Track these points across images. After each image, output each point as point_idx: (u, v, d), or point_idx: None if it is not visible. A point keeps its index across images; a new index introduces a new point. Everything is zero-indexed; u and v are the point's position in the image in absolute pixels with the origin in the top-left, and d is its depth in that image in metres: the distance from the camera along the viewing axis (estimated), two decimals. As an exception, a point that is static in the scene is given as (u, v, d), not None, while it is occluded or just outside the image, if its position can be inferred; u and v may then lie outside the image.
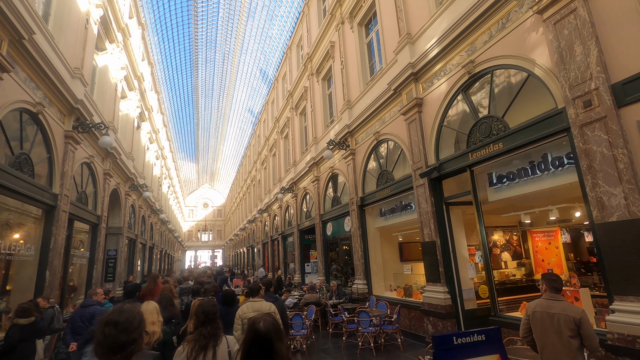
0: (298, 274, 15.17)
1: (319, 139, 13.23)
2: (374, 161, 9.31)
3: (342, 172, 10.94)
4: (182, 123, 36.08)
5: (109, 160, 10.85)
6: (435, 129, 6.64)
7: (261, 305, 3.83)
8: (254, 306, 3.82)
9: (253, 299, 4.01)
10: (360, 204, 9.47)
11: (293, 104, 16.90)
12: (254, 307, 3.79)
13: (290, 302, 8.70)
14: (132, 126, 14.56)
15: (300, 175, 14.89)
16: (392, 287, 8.81)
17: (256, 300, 4.00)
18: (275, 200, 19.52)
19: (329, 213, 11.97)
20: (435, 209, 6.55)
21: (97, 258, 10.07)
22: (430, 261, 6.51)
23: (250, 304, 3.88)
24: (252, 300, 3.96)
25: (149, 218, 19.75)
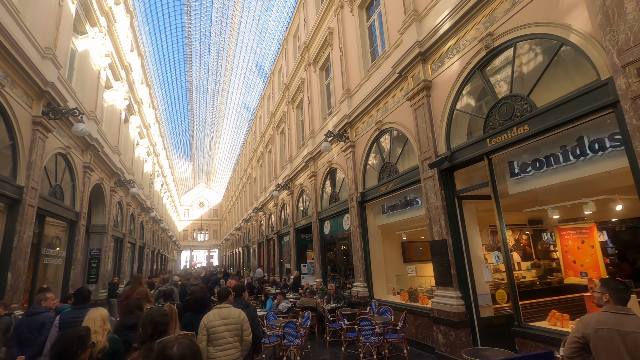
0: (296, 273, 14.41)
1: (316, 132, 12.50)
2: (376, 153, 8.59)
3: (340, 167, 10.21)
4: (176, 120, 35.23)
5: (89, 152, 10.07)
6: (446, 114, 5.92)
7: (229, 312, 3.46)
8: (221, 313, 3.43)
9: (221, 305, 3.58)
10: (360, 200, 8.74)
11: (289, 97, 16.16)
12: (221, 314, 3.42)
13: (284, 307, 7.96)
14: (118, 119, 13.77)
15: (297, 172, 14.15)
16: (395, 291, 8.09)
17: (224, 306, 3.56)
18: (271, 198, 18.78)
19: (326, 210, 11.24)
20: (446, 203, 5.82)
21: (76, 258, 9.28)
22: (440, 262, 5.79)
23: (217, 310, 3.48)
24: (220, 307, 3.54)
25: (139, 216, 18.94)
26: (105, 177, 12.16)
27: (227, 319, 3.41)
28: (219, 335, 3.32)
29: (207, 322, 3.34)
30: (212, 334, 3.31)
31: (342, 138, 9.54)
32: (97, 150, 10.41)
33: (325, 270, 11.52)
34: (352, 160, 9.21)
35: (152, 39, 20.67)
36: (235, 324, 3.41)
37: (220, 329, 3.35)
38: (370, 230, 8.70)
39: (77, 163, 9.38)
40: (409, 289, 7.59)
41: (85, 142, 9.63)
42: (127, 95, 14.60)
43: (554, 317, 4.32)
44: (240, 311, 3.55)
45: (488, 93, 5.22)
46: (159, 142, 26.70)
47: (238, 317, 3.45)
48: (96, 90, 10.75)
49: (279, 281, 16.19)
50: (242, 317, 3.47)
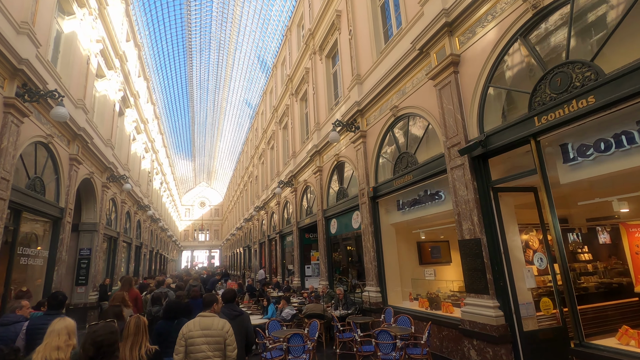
0: (297, 277, 13.58)
1: (321, 124, 11.66)
2: (391, 143, 7.74)
3: (349, 160, 9.37)
4: (176, 118, 34.50)
5: (77, 143, 9.27)
6: (478, 92, 5.07)
7: (212, 323, 3.10)
8: (202, 323, 3.09)
9: (204, 314, 3.21)
10: (372, 195, 7.90)
11: (293, 89, 15.34)
12: (202, 324, 3.08)
13: (288, 314, 7.12)
14: (112, 110, 12.98)
15: (301, 167, 13.32)
16: (412, 296, 7.23)
17: (207, 315, 3.19)
18: (273, 196, 17.96)
19: (333, 208, 10.39)
20: (478, 196, 4.97)
21: (60, 258, 8.48)
22: (472, 265, 4.93)
23: (199, 319, 3.14)
24: (203, 315, 3.19)
25: (136, 215, 18.16)
26: (97, 172, 11.36)
27: (207, 329, 3.05)
28: (197, 348, 2.97)
29: (186, 332, 3.01)
30: (189, 345, 2.97)
31: (351, 128, 8.70)
32: (85, 141, 9.61)
33: (331, 272, 10.68)
34: (363, 151, 8.37)
35: (150, 31, 19.90)
36: (216, 336, 3.04)
37: (199, 340, 3.00)
38: (384, 229, 7.86)
39: (62, 154, 8.58)
40: (429, 295, 6.73)
41: (71, 131, 8.83)
42: (121, 87, 13.81)
43: (627, 335, 3.46)
44: (225, 322, 3.16)
45: (535, 62, 4.37)
46: (157, 139, 25.95)
47: (221, 330, 3.07)
48: (85, 77, 9.95)
49: (281, 283, 15.36)
50: (226, 330, 3.09)
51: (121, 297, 5.03)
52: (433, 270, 7.67)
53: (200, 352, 2.96)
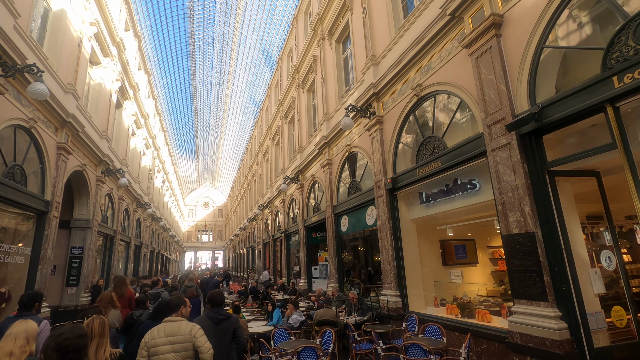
0: (304, 279, 12.71)
1: (331, 114, 10.82)
2: (412, 127, 6.87)
3: (363, 150, 8.52)
4: (179, 117, 33.89)
5: (65, 131, 8.51)
6: (528, 56, 4.20)
7: (179, 327, 2.88)
8: (168, 329, 2.87)
9: (169, 319, 2.97)
10: (390, 187, 7.03)
11: (299, 80, 14.54)
12: (167, 330, 2.85)
13: (297, 321, 6.27)
14: (107, 100, 12.24)
15: (308, 161, 12.48)
16: (437, 301, 6.34)
17: (173, 319, 2.95)
18: (278, 193, 17.14)
19: (344, 204, 9.53)
20: (530, 181, 4.09)
21: (44, 256, 7.70)
22: (523, 265, 4.05)
23: (163, 325, 2.90)
24: (168, 320, 2.95)
25: (135, 213, 17.41)
26: (90, 164, 10.60)
27: (173, 335, 2.81)
28: (161, 357, 2.73)
29: (149, 340, 2.77)
30: (153, 355, 2.73)
31: (366, 113, 7.84)
32: (75, 129, 8.84)
33: (341, 274, 9.80)
34: (380, 139, 7.51)
35: (151, 22, 19.22)
36: (183, 342, 2.80)
37: (164, 349, 2.75)
38: (403, 225, 6.98)
39: (48, 142, 7.81)
40: (460, 300, 5.84)
41: (59, 117, 8.07)
42: (119, 77, 13.08)
43: None
44: (193, 326, 2.93)
45: (610, 12, 3.50)
46: (159, 137, 25.27)
47: (188, 334, 2.85)
48: (76, 61, 9.21)
49: (287, 285, 14.51)
50: (194, 333, 2.87)
51: (109, 298, 4.68)
52: (460, 272, 6.78)
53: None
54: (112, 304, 4.69)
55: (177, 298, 3.43)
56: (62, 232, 10.47)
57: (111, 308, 4.63)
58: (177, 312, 3.15)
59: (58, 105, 7.90)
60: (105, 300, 4.65)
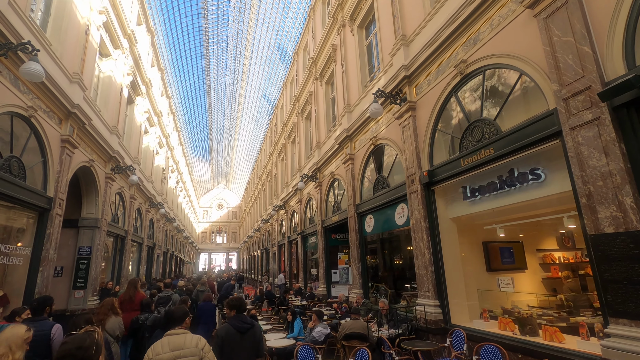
0: (323, 283, 11.89)
1: (353, 105, 10.00)
2: (453, 112, 5.99)
3: (391, 141, 7.66)
4: (193, 118, 33.68)
5: (71, 123, 7.95)
6: (624, 4, 3.30)
7: (184, 340, 2.61)
8: (172, 342, 2.58)
9: (173, 332, 2.67)
10: (427, 181, 6.14)
11: (317, 72, 13.78)
12: (172, 344, 2.57)
13: (321, 334, 5.45)
14: (118, 94, 11.75)
15: (327, 158, 11.69)
16: (487, 314, 5.41)
17: (177, 332, 2.66)
18: (294, 193, 16.40)
19: (369, 202, 8.68)
20: (631, 165, 3.18)
21: (47, 257, 7.12)
22: (623, 274, 3.12)
23: (167, 339, 2.60)
24: (172, 334, 2.64)
25: (148, 213, 16.95)
26: (98, 160, 10.07)
27: (179, 349, 2.57)
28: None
29: (153, 357, 2.50)
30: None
31: (396, 100, 6.99)
32: (82, 122, 8.29)
33: (366, 279, 8.93)
34: (412, 127, 6.64)
35: (164, 18, 18.83)
36: (190, 356, 2.56)
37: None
38: (442, 225, 6.09)
39: (51, 134, 7.25)
40: (518, 314, 4.90)
41: (62, 107, 7.51)
42: (130, 71, 12.60)
43: None
44: (200, 338, 2.69)
45: None
46: (173, 136, 24.94)
47: (195, 347, 2.61)
48: (83, 49, 8.67)
49: (304, 290, 13.72)
50: (201, 347, 2.63)
51: (110, 304, 4.42)
52: (510, 279, 5.86)
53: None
54: (114, 311, 4.41)
55: (180, 308, 3.01)
56: (70, 232, 9.96)
57: (112, 315, 4.36)
58: (182, 324, 2.81)
59: (62, 94, 7.34)
60: (106, 307, 4.40)
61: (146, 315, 4.95)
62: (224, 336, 3.12)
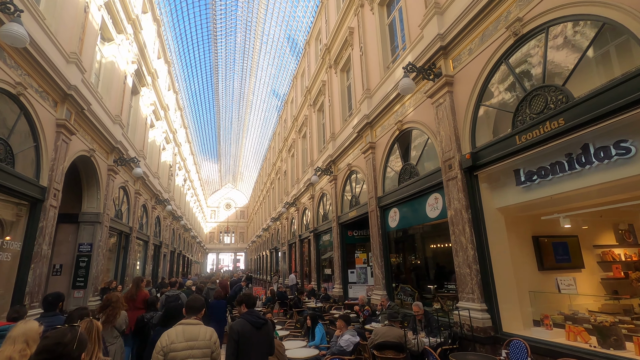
0: (339, 283, 11.07)
1: (373, 89, 9.17)
2: (503, 83, 5.13)
3: (421, 124, 6.81)
4: (201, 115, 33.14)
5: (67, 107, 7.26)
6: None
7: (199, 331, 2.62)
8: (187, 332, 2.59)
9: (188, 321, 2.67)
10: (469, 165, 5.29)
11: (331, 60, 12.99)
12: (187, 334, 2.57)
13: (350, 343, 4.63)
14: (122, 82, 11.09)
15: (343, 149, 10.88)
16: (549, 321, 4.52)
17: (192, 322, 2.67)
18: (306, 189, 15.62)
19: (393, 193, 7.83)
20: None
21: (39, 253, 6.43)
22: None
23: (182, 328, 2.61)
24: (186, 323, 2.65)
25: (154, 210, 16.31)
26: (100, 150, 9.40)
27: (193, 340, 2.56)
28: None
29: (166, 345, 2.47)
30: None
31: (429, 75, 6.14)
32: (80, 106, 7.61)
33: (390, 279, 8.07)
34: (449, 105, 5.79)
35: (171, 7, 18.22)
36: (204, 348, 2.57)
37: (183, 354, 2.48)
38: (488, 216, 5.22)
39: (45, 117, 6.56)
40: (593, 320, 4.01)
41: (58, 88, 6.83)
42: (135, 59, 11.96)
43: None
44: (212, 331, 2.68)
45: None
46: (181, 133, 24.36)
47: (209, 340, 2.61)
48: (82, 28, 8.00)
49: (317, 290, 12.92)
50: (214, 340, 2.64)
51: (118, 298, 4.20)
52: (572, 280, 4.96)
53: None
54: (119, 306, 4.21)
55: (199, 299, 2.97)
56: (69, 228, 9.33)
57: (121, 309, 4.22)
58: (198, 314, 2.79)
59: (57, 73, 6.66)
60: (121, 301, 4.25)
61: (152, 314, 4.81)
62: (240, 330, 2.97)
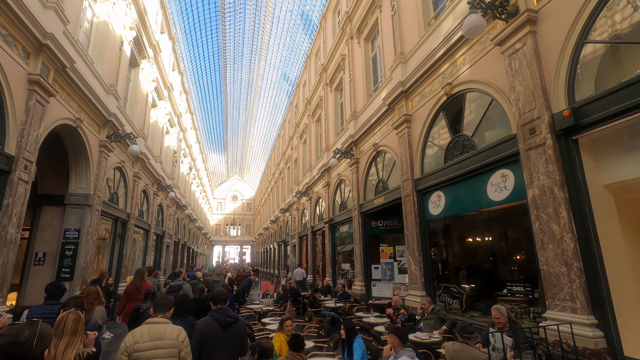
0: (360, 280, 9.73)
1: (409, 53, 7.75)
2: (620, 13, 3.67)
3: (482, 84, 5.37)
4: (208, 104, 31.88)
5: (43, 60, 5.94)
6: None
7: (165, 330, 2.53)
8: (153, 331, 2.50)
9: (154, 320, 2.59)
10: (568, 125, 3.86)
11: (352, 30, 11.55)
12: (153, 334, 2.49)
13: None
14: (117, 48, 9.76)
15: (367, 128, 9.49)
16: None
17: (159, 321, 2.59)
18: (320, 177, 14.27)
19: (436, 174, 6.43)
20: None
21: (3, 237, 5.17)
22: None
23: (147, 327, 2.53)
24: (153, 322, 2.57)
25: (156, 197, 15.09)
26: (89, 121, 8.12)
27: (159, 340, 2.47)
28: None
29: (130, 345, 2.41)
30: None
31: (500, 12, 4.69)
32: (60, 62, 6.30)
33: (430, 277, 6.69)
34: (531, 51, 4.35)
35: None
36: (170, 347, 2.47)
37: (148, 354, 2.41)
38: (594, 195, 3.80)
39: (10, 69, 5.27)
40: None
41: (30, 36, 5.53)
42: (134, 25, 10.64)
43: None
44: (180, 330, 2.59)
45: None
46: (186, 118, 23.10)
47: (176, 339, 2.52)
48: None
49: (332, 287, 11.62)
50: (182, 339, 2.55)
51: (95, 293, 4.28)
52: None
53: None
54: (99, 300, 4.45)
55: (166, 298, 2.90)
56: (54, 211, 8.12)
57: (97, 304, 4.41)
58: (165, 312, 2.73)
59: (28, 17, 5.37)
60: (92, 296, 4.16)
61: (148, 304, 4.67)
62: (204, 330, 2.89)
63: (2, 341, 1.36)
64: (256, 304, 9.53)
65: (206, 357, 2.84)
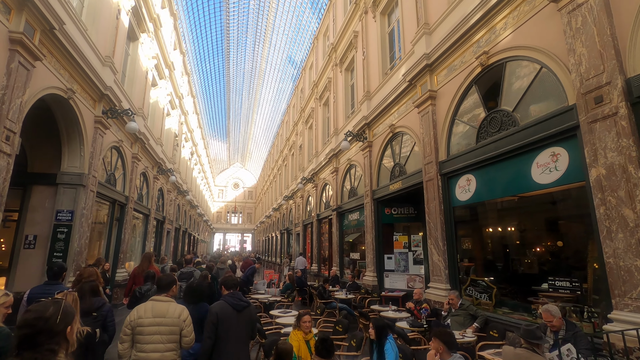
0: (372, 271, 9.17)
1: (434, 24, 7.00)
2: None
3: (529, 50, 4.67)
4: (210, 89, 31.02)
5: (26, 17, 5.25)
6: None
7: (167, 309, 2.64)
8: (156, 308, 2.62)
9: (158, 297, 2.72)
10: (651, 90, 3.19)
11: (367, 3, 10.73)
12: (155, 311, 2.61)
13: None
14: (114, 16, 9.02)
15: (383, 108, 8.80)
16: None
17: (162, 299, 2.71)
18: (328, 162, 13.62)
19: (466, 155, 5.78)
20: None
21: (-18, 216, 4.58)
22: None
23: (151, 304, 2.66)
24: (157, 299, 2.69)
25: (156, 180, 14.48)
26: (82, 94, 7.45)
27: (161, 317, 2.59)
28: (145, 338, 2.52)
29: (134, 319, 2.57)
30: (137, 334, 2.53)
31: (561, -38, 3.96)
32: (47, 22, 5.59)
33: (455, 269, 6.09)
34: (600, 1, 3.65)
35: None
36: (171, 325, 2.59)
37: (150, 330, 2.54)
38: (680, 175, 3.15)
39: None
40: None
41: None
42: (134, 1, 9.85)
43: None
44: (183, 309, 2.71)
45: None
46: (188, 102, 22.33)
47: (177, 318, 2.63)
48: None
49: (341, 277, 11.10)
50: (184, 318, 2.65)
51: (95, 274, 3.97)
52: None
53: (149, 344, 2.51)
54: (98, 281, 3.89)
55: (168, 276, 3.04)
56: (46, 191, 7.51)
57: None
58: (168, 291, 2.85)
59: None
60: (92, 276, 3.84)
61: (148, 285, 4.76)
62: (220, 313, 2.91)
63: (29, 316, 1.39)
64: (261, 293, 8.98)
65: (222, 340, 2.85)
